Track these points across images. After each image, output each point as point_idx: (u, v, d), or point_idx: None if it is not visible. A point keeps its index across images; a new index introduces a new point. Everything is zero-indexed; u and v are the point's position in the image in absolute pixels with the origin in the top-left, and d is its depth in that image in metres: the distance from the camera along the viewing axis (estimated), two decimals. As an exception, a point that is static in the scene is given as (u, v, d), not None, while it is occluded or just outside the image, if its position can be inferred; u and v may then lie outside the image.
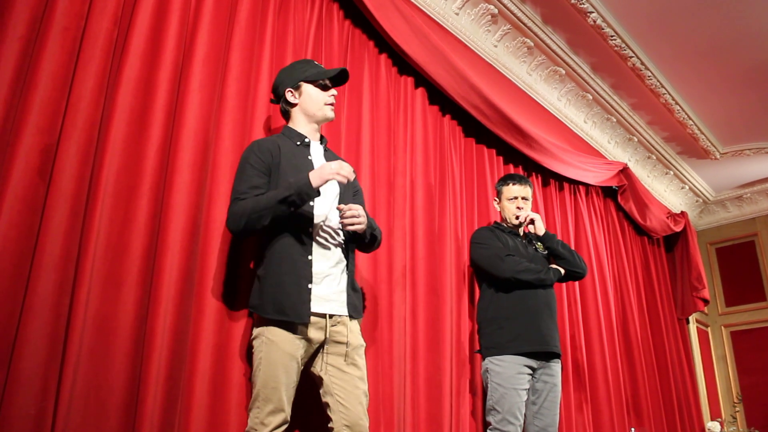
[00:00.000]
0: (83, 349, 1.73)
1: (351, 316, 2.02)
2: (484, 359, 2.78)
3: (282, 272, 1.91)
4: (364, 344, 2.08)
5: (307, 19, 2.86)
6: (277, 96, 2.24)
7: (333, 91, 2.21)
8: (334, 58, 2.93)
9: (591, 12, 4.03)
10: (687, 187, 6.47)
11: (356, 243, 2.17)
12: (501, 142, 3.94)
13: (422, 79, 3.42)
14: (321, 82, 2.18)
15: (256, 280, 1.98)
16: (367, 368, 2.07)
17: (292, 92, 2.18)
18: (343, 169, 1.92)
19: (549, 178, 4.44)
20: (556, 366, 2.80)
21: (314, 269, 1.95)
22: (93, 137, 1.91)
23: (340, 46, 2.99)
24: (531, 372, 2.71)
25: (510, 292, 2.78)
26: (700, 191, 6.62)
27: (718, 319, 6.58)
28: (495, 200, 3.13)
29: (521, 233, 3.03)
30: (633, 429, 4.37)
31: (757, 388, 6.12)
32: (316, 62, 2.26)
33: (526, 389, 2.67)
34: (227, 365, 2.05)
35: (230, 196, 2.03)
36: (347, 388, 1.94)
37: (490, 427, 2.62)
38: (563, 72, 4.53)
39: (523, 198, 2.99)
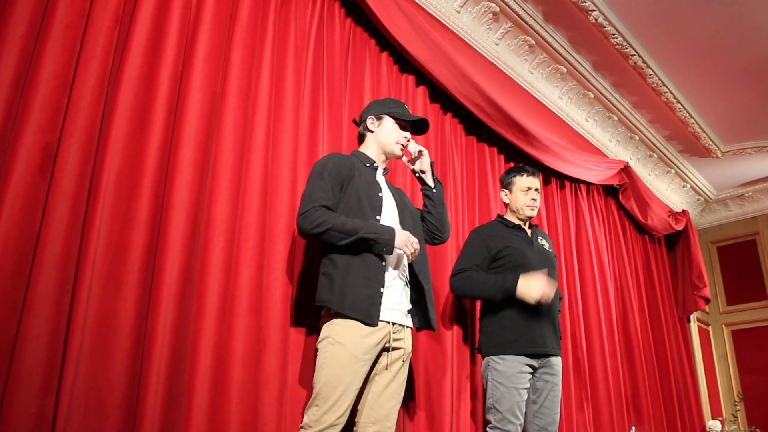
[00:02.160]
0: (84, 348, 1.74)
1: (407, 327, 2.14)
2: (484, 357, 2.78)
3: (357, 274, 2.00)
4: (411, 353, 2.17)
5: (309, 17, 2.86)
6: (361, 120, 2.37)
7: (407, 134, 2.34)
8: (336, 57, 2.93)
9: (592, 10, 4.03)
10: (688, 186, 6.46)
11: (430, 220, 2.36)
12: (502, 141, 3.94)
13: (423, 78, 3.41)
14: (401, 121, 2.31)
15: (324, 277, 2.06)
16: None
17: (373, 120, 2.33)
18: (414, 247, 2.05)
19: (550, 176, 4.44)
20: (557, 365, 2.78)
21: (386, 276, 2.06)
22: (94, 135, 1.91)
23: (341, 44, 2.99)
24: (532, 371, 2.70)
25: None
26: (701, 190, 6.61)
27: (719, 317, 6.58)
28: (504, 192, 3.01)
29: (527, 227, 2.97)
30: (633, 428, 4.37)
31: (758, 387, 6.12)
32: (407, 106, 2.40)
33: (526, 388, 2.66)
34: (228, 364, 2.05)
35: (305, 195, 2.09)
36: (387, 389, 2.04)
37: (490, 425, 2.62)
38: (564, 70, 4.53)
39: (535, 189, 2.93)
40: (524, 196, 2.91)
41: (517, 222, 2.93)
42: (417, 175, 2.39)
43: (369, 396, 2.03)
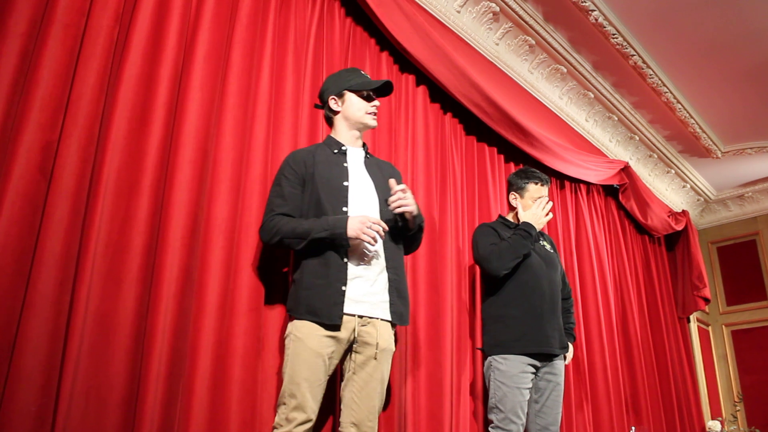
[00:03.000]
0: (84, 347, 1.73)
1: (381, 319, 2.03)
2: (486, 357, 2.78)
3: (316, 276, 1.97)
4: (393, 349, 2.10)
5: (308, 16, 2.86)
6: (322, 102, 2.29)
7: (375, 102, 2.25)
8: (336, 56, 2.93)
9: (593, 10, 4.03)
10: (688, 186, 6.46)
11: (402, 237, 2.19)
12: (502, 140, 3.94)
13: (423, 77, 3.41)
14: (364, 92, 2.22)
15: (292, 283, 2.06)
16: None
17: (335, 99, 2.23)
18: (373, 231, 1.93)
19: (550, 176, 4.42)
20: (560, 364, 2.79)
21: (348, 271, 1.99)
22: (94, 134, 1.91)
23: (341, 43, 2.99)
24: (534, 371, 2.70)
25: (513, 286, 2.76)
26: (701, 190, 6.61)
27: (719, 318, 6.58)
28: (513, 195, 2.98)
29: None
30: (633, 428, 4.37)
31: (758, 387, 6.12)
32: (363, 72, 2.29)
33: (528, 388, 2.66)
34: (228, 363, 2.05)
35: (266, 205, 2.13)
36: (365, 388, 1.98)
37: (492, 425, 2.62)
38: (565, 70, 4.53)
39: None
40: (536, 207, 2.89)
41: (518, 224, 2.93)
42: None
43: (348, 396, 1.99)
